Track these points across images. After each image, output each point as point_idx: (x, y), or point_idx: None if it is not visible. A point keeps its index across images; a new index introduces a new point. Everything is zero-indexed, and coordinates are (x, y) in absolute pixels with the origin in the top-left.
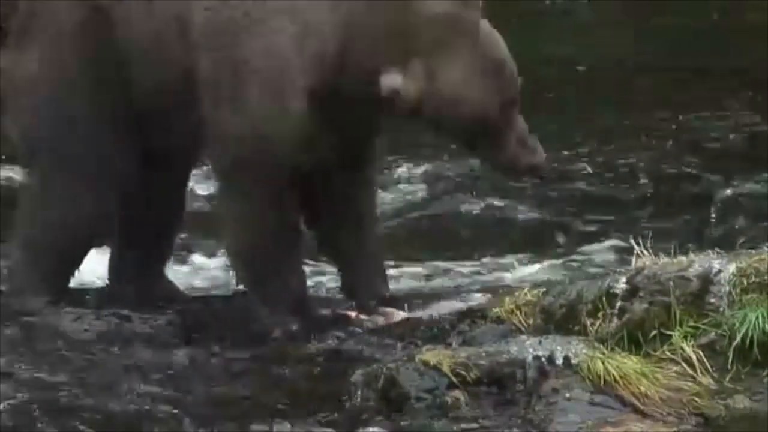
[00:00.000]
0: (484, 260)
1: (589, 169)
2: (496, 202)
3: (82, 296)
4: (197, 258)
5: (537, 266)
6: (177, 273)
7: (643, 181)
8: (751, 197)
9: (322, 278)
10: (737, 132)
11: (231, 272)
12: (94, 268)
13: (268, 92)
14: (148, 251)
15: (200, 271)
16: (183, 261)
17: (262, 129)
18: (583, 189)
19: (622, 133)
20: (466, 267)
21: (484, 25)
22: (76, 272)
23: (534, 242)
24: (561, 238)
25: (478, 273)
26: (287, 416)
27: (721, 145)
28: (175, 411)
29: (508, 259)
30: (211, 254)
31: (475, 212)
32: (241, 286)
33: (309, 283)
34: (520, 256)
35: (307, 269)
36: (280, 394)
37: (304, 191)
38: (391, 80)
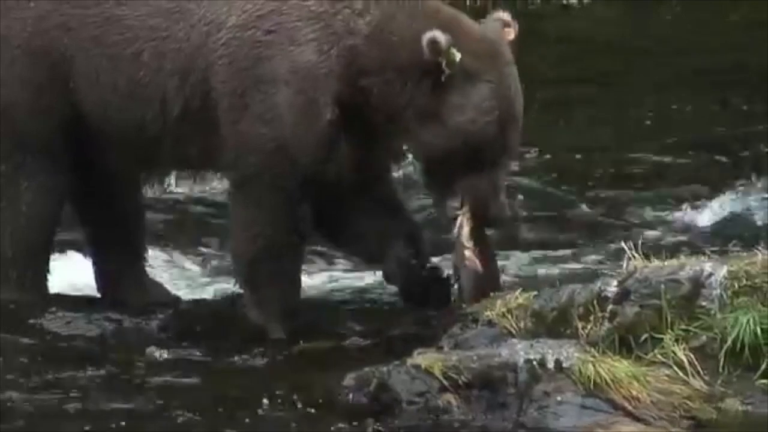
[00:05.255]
0: None
1: (580, 172)
2: None
3: (72, 301)
4: (190, 260)
5: (529, 269)
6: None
7: (634, 183)
8: (743, 200)
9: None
10: (734, 133)
11: (232, 273)
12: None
13: (297, 104)
14: (123, 257)
15: (193, 272)
16: (175, 263)
17: (289, 140)
18: (577, 191)
19: (616, 136)
20: None
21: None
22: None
23: (526, 245)
24: (551, 241)
25: None
26: (279, 419)
27: (716, 146)
28: (165, 413)
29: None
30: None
31: None
32: (238, 288)
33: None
34: (513, 257)
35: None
36: (272, 397)
37: (321, 203)
38: (433, 34)
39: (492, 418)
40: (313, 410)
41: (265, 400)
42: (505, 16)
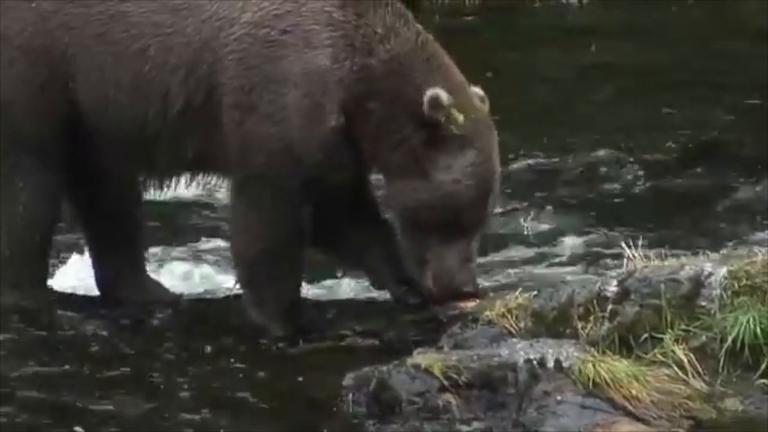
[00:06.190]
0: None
1: (580, 173)
2: None
3: (73, 301)
4: (189, 261)
5: (528, 269)
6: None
7: (634, 184)
8: (741, 200)
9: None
10: (730, 135)
11: (233, 273)
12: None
13: (305, 106)
14: (122, 257)
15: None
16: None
17: (295, 142)
18: (574, 192)
19: (614, 136)
20: None
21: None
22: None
23: (524, 245)
24: (551, 241)
25: None
26: (279, 419)
27: (712, 147)
28: (166, 412)
29: (499, 262)
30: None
31: None
32: (238, 288)
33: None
34: (511, 258)
35: None
36: (272, 397)
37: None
38: (436, 92)
39: (492, 417)
40: (313, 410)
41: (265, 400)
42: (479, 90)
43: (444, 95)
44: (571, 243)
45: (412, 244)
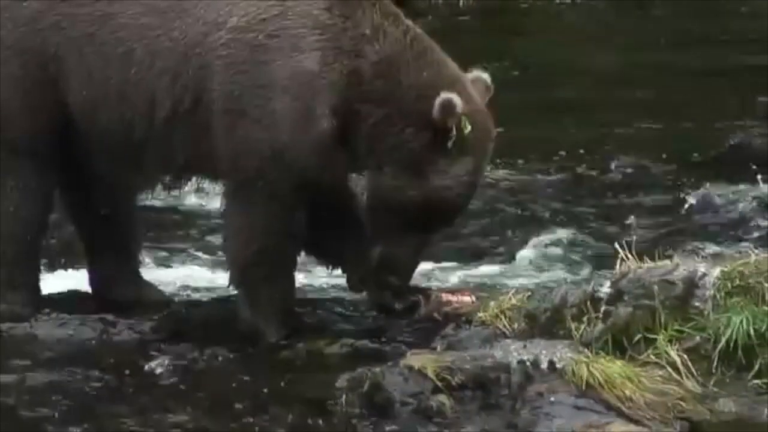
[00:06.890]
0: (472, 263)
1: (576, 174)
2: (482, 206)
3: (67, 302)
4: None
5: (521, 270)
6: (164, 276)
7: (630, 185)
8: (738, 201)
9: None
10: (725, 136)
11: (227, 275)
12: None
13: (295, 110)
14: (116, 259)
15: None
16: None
17: (286, 146)
18: (570, 193)
19: (610, 137)
20: (454, 269)
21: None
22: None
23: (520, 246)
24: (547, 242)
25: (466, 276)
26: (272, 420)
27: (709, 148)
28: (161, 414)
29: (493, 263)
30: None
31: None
32: (232, 290)
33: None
34: (505, 259)
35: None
36: (266, 398)
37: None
38: (450, 97)
39: (485, 418)
40: (306, 411)
41: (258, 401)
42: (485, 76)
43: (458, 101)
44: (564, 244)
45: (377, 226)
